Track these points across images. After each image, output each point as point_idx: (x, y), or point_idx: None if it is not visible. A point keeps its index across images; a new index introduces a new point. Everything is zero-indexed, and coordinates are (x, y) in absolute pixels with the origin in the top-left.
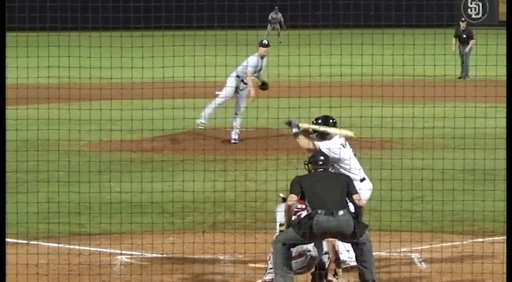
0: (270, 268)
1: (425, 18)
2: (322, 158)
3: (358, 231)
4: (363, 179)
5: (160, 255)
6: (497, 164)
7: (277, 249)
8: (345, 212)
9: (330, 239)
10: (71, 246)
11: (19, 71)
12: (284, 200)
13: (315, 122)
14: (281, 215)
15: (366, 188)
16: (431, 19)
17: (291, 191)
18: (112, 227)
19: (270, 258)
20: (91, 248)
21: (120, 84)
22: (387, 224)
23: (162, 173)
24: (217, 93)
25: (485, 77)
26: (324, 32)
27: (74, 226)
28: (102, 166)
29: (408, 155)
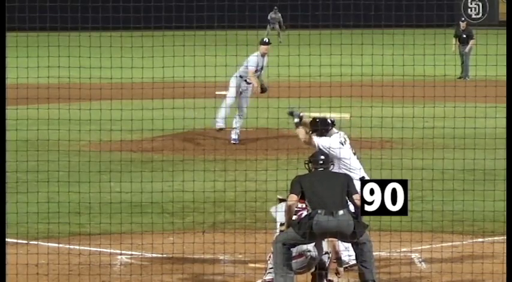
0: (270, 268)
1: (425, 18)
2: (323, 157)
3: (358, 231)
4: (362, 178)
5: (160, 255)
6: (497, 164)
7: (277, 249)
8: (344, 212)
9: (330, 239)
10: (71, 246)
11: (19, 71)
12: (281, 201)
13: (312, 122)
14: (281, 215)
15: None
16: (431, 19)
17: (291, 191)
18: (112, 227)
19: (269, 258)
20: (91, 248)
21: (120, 84)
22: (387, 224)
23: (162, 173)
24: (217, 93)
25: (485, 77)
26: (324, 32)
27: (74, 226)
28: (102, 166)
29: (408, 155)
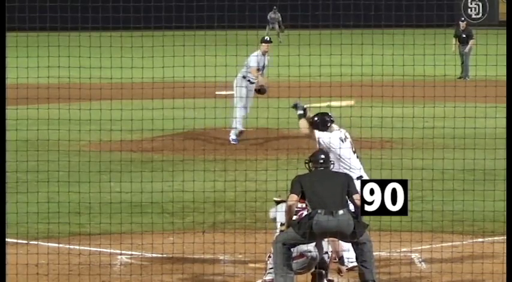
0: (270, 268)
1: (425, 18)
2: (323, 156)
3: (358, 230)
4: (359, 177)
5: (160, 255)
6: (497, 164)
7: (277, 249)
8: (344, 212)
9: (331, 239)
10: (71, 246)
11: (19, 71)
12: (278, 203)
13: (312, 120)
14: (281, 215)
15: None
16: (431, 19)
17: (292, 191)
18: (112, 227)
19: (269, 258)
20: (91, 248)
21: (120, 84)
22: (387, 224)
23: (162, 173)
24: (217, 93)
25: (485, 77)
26: (324, 32)
27: (74, 226)
28: (102, 166)
29: (408, 155)
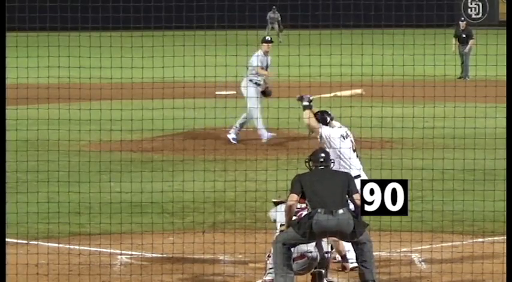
0: (270, 268)
1: (425, 18)
2: (323, 155)
3: (358, 230)
4: (357, 176)
5: (160, 255)
6: (497, 164)
7: (277, 249)
8: (344, 211)
9: (332, 239)
10: (71, 246)
11: (19, 71)
12: (276, 204)
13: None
14: (281, 215)
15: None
16: (431, 19)
17: (292, 191)
18: (112, 227)
19: (268, 258)
20: (91, 248)
21: (120, 84)
22: (387, 224)
23: (162, 173)
24: (217, 93)
25: (485, 77)
26: (324, 32)
27: (74, 226)
28: (102, 166)
29: (408, 155)
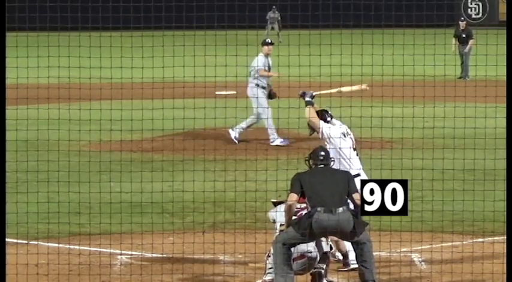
0: (270, 268)
1: (425, 18)
2: (323, 153)
3: (357, 229)
4: (357, 175)
5: (160, 255)
6: (497, 164)
7: (277, 249)
8: (344, 209)
9: (333, 238)
10: (71, 246)
11: (19, 71)
12: (276, 204)
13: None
14: (281, 215)
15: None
16: (431, 19)
17: (291, 190)
18: (112, 227)
19: (267, 258)
20: (91, 248)
21: (120, 84)
22: (387, 224)
23: (162, 173)
24: (217, 93)
25: (485, 77)
26: (324, 32)
27: (74, 226)
28: (102, 166)
29: (408, 155)
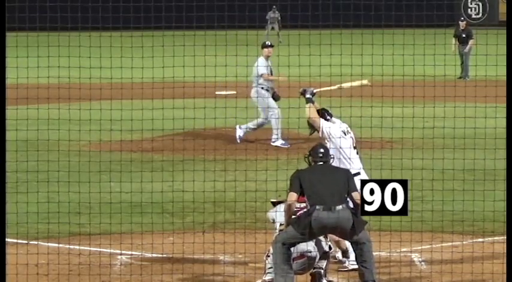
0: (269, 268)
1: (425, 18)
2: (322, 150)
3: (357, 227)
4: (357, 173)
5: (160, 255)
6: (497, 164)
7: (277, 249)
8: (343, 207)
9: (331, 237)
10: (71, 246)
11: (19, 71)
12: (275, 204)
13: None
14: (281, 215)
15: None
16: (431, 19)
17: (291, 189)
18: (112, 227)
19: (267, 257)
20: (91, 248)
21: (120, 84)
22: (387, 224)
23: (162, 173)
24: (217, 93)
25: (485, 77)
26: (324, 32)
27: (74, 226)
28: (102, 166)
29: (408, 155)
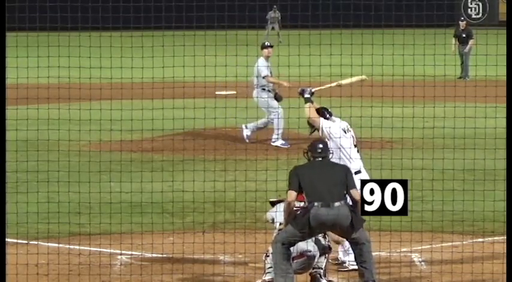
0: (269, 268)
1: (425, 18)
2: (321, 146)
3: (355, 225)
4: (358, 171)
5: (160, 255)
6: (497, 164)
7: (277, 249)
8: (342, 204)
9: (331, 237)
10: (71, 246)
11: (19, 71)
12: (273, 204)
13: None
14: (280, 215)
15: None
16: (431, 19)
17: (290, 187)
18: (112, 227)
19: (266, 257)
20: (91, 248)
21: (120, 84)
22: (387, 224)
23: (162, 173)
24: (217, 93)
25: (485, 77)
26: (324, 32)
27: (74, 226)
28: (102, 166)
29: (408, 155)
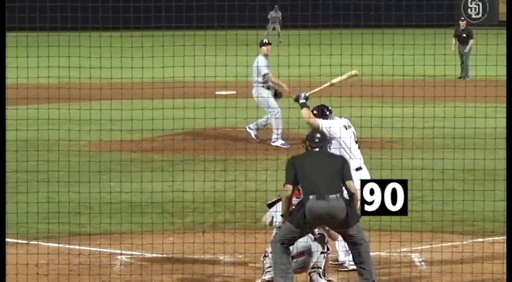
0: (268, 267)
1: (425, 18)
2: (319, 135)
3: (351, 218)
4: (358, 168)
5: (160, 255)
6: (497, 164)
7: (276, 248)
8: (337, 197)
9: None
10: (71, 246)
11: (19, 71)
12: (270, 206)
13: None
14: (279, 215)
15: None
16: (431, 19)
17: (287, 180)
18: (112, 227)
19: (264, 257)
20: (91, 248)
21: (120, 84)
22: (387, 224)
23: (162, 173)
24: (217, 93)
25: (485, 77)
26: (324, 32)
27: (74, 226)
28: (102, 166)
29: (408, 155)
